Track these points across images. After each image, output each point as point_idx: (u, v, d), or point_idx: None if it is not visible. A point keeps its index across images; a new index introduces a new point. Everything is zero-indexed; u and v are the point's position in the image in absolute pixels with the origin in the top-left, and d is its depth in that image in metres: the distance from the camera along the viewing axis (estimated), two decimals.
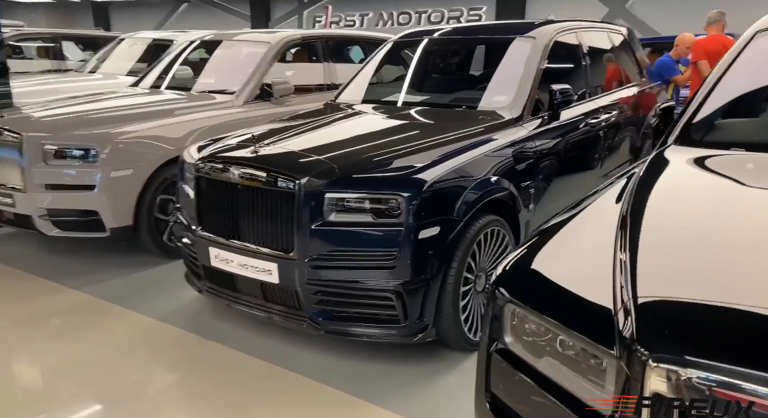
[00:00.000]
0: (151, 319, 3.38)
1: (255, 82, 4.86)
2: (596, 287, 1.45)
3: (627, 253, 1.51)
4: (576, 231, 1.82)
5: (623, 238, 1.60)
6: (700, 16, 8.94)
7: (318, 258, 2.65)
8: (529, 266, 1.65)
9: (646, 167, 2.09)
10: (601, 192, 2.12)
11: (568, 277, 1.54)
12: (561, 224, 1.86)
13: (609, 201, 1.97)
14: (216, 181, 2.89)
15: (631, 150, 4.62)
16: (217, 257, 2.93)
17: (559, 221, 1.89)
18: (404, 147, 2.93)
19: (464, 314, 2.81)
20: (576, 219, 1.88)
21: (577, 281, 1.51)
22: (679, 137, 2.23)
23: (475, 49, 4.41)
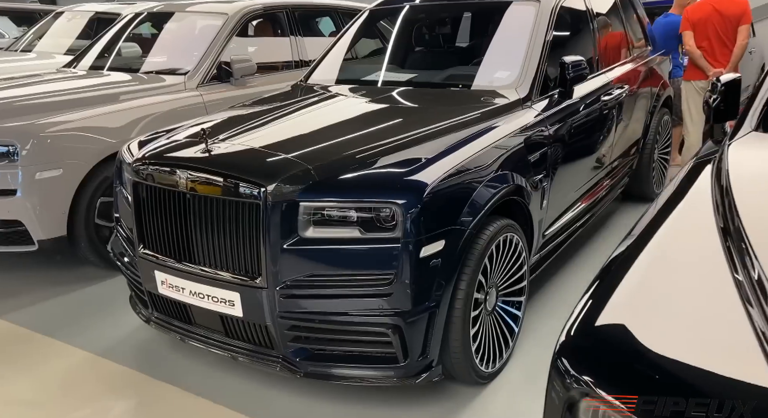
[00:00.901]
0: (89, 353, 2.78)
1: (210, 61, 4.18)
2: (730, 346, 0.93)
3: (755, 281, 0.99)
4: (658, 262, 1.29)
5: (740, 263, 1.08)
6: None
7: (293, 285, 2.09)
8: (611, 325, 1.11)
9: (728, 161, 1.57)
10: (658, 205, 1.60)
11: (681, 336, 1.02)
12: (630, 257, 1.32)
13: (688, 214, 1.45)
14: (159, 188, 2.28)
15: (640, 130, 4.14)
16: (165, 282, 2.33)
17: (623, 252, 1.36)
18: (394, 140, 2.35)
19: (475, 343, 2.29)
20: (650, 247, 1.35)
21: (698, 342, 0.99)
22: (761, 122, 1.71)
23: (465, 17, 3.81)
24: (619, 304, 1.15)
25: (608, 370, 1.04)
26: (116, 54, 4.75)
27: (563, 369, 1.05)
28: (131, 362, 2.70)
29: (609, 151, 3.60)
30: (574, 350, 1.08)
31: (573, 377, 1.03)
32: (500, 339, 2.50)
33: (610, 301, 1.15)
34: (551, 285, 3.25)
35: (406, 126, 2.54)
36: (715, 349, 0.99)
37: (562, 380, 1.04)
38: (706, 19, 4.46)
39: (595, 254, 3.67)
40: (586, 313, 1.14)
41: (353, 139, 2.43)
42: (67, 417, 2.36)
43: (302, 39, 4.90)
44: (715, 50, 4.43)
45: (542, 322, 2.89)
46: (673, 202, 1.55)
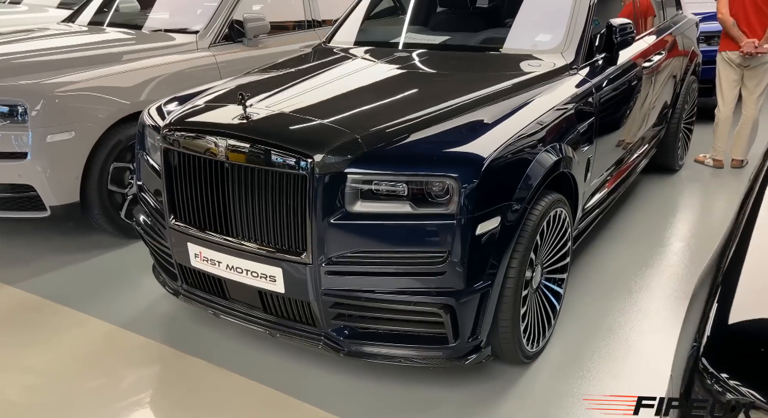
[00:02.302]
0: (109, 324, 2.67)
1: (222, 19, 3.95)
2: None
3: None
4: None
5: None
6: None
7: (338, 261, 1.97)
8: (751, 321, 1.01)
9: None
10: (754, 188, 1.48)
11: None
12: (743, 247, 1.22)
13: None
14: (194, 156, 2.12)
15: (670, 98, 4.00)
16: (199, 255, 2.21)
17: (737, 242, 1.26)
18: (441, 108, 2.21)
19: (523, 323, 2.21)
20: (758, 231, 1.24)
21: None
22: None
23: None
24: (747, 299, 1.06)
25: (751, 366, 0.94)
26: (115, 10, 4.48)
27: (703, 368, 0.95)
28: (154, 334, 2.61)
29: (645, 121, 3.48)
30: (714, 350, 0.98)
31: (714, 378, 0.94)
32: (544, 318, 2.42)
33: (736, 298, 1.06)
34: (583, 261, 3.17)
35: (450, 93, 2.39)
36: None
37: (703, 380, 0.95)
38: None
39: (623, 227, 3.59)
40: (717, 313, 1.04)
41: (396, 106, 2.29)
42: (83, 387, 2.27)
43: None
44: (751, 19, 4.19)
45: (579, 299, 2.82)
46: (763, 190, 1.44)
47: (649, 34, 3.57)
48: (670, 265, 3.19)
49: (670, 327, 2.62)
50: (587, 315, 2.70)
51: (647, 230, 3.56)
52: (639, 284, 2.98)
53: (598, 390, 2.25)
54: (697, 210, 4.04)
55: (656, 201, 4.01)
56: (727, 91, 4.36)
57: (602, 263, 3.18)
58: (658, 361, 2.37)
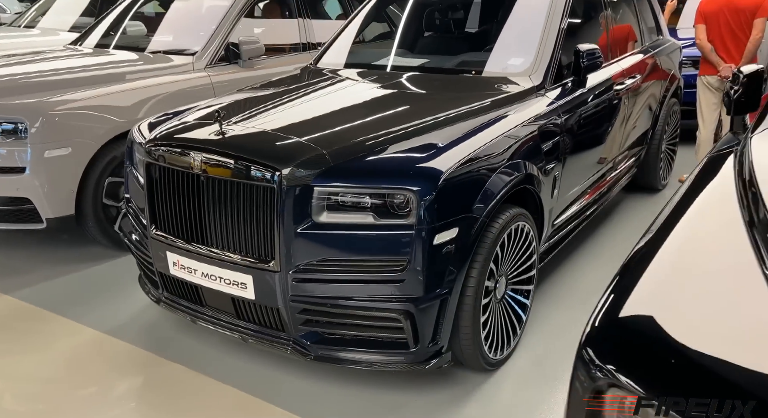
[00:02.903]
0: (97, 331, 2.79)
1: (219, 41, 4.15)
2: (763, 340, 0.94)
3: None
4: (683, 255, 1.29)
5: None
6: None
7: (305, 269, 2.09)
8: (636, 316, 1.12)
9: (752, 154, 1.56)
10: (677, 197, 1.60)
11: (709, 330, 1.02)
12: (651, 250, 1.32)
13: (711, 207, 1.45)
14: (173, 169, 2.27)
15: (649, 120, 4.12)
16: (177, 263, 2.34)
17: (644, 246, 1.36)
18: (408, 126, 2.34)
19: (484, 331, 2.31)
20: (672, 239, 1.35)
21: (726, 336, 0.99)
22: None
23: (477, 3, 3.77)
24: (643, 296, 1.16)
25: (633, 360, 1.04)
26: (122, 32, 4.71)
27: (588, 359, 1.06)
28: (138, 341, 2.72)
29: (619, 141, 3.59)
30: (599, 340, 1.09)
31: (598, 367, 1.04)
32: (509, 327, 2.51)
33: (633, 293, 1.16)
34: (558, 275, 3.27)
35: (419, 112, 2.53)
36: (741, 342, 0.99)
37: (587, 370, 1.05)
38: (718, 12, 4.31)
39: (602, 244, 3.68)
40: (610, 305, 1.15)
41: (366, 124, 2.42)
42: (74, 394, 2.38)
43: (310, 21, 4.86)
44: (728, 44, 4.31)
45: (549, 311, 2.90)
46: (693, 194, 1.55)
47: (624, 58, 3.70)
48: None
49: None
50: (556, 327, 2.79)
51: (621, 247, 3.63)
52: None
53: (560, 399, 2.32)
54: None
55: (638, 219, 4.09)
56: (707, 114, 4.47)
57: (577, 277, 3.26)
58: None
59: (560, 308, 2.94)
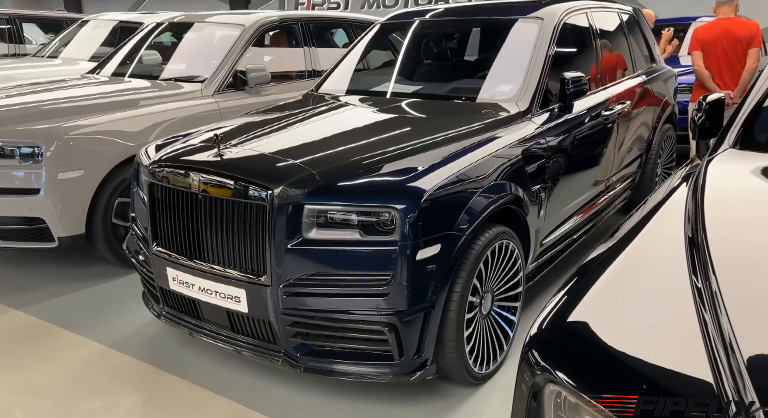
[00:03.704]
0: (102, 345, 2.91)
1: (227, 69, 4.35)
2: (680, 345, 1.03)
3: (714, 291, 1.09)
4: (631, 265, 1.39)
5: (701, 272, 1.18)
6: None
7: (295, 283, 2.21)
8: (580, 321, 1.22)
9: (705, 176, 1.67)
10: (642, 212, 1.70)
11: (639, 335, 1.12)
12: (607, 259, 1.42)
13: (663, 223, 1.55)
14: (173, 189, 2.41)
15: (643, 145, 4.22)
16: (176, 279, 2.47)
17: (602, 253, 1.46)
18: (397, 148, 2.47)
19: (469, 344, 2.39)
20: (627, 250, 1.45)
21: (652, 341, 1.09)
22: (738, 139, 1.81)
23: (472, 32, 3.94)
24: (590, 302, 1.25)
25: (571, 361, 1.14)
26: (137, 61, 4.95)
27: (533, 361, 1.15)
28: (141, 354, 2.84)
29: (609, 165, 3.69)
30: (543, 342, 1.18)
31: (540, 367, 1.13)
32: (495, 342, 2.59)
33: (582, 299, 1.25)
34: (549, 293, 3.32)
35: (409, 135, 2.66)
36: (666, 347, 1.08)
37: (531, 370, 1.15)
38: (716, 40, 4.43)
39: None
40: (558, 309, 1.24)
41: (358, 146, 2.56)
42: (79, 408, 2.49)
43: (315, 50, 5.06)
44: (724, 72, 4.42)
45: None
46: (654, 210, 1.65)
47: (614, 85, 3.82)
48: None
49: None
50: None
51: None
52: None
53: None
54: None
55: None
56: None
57: None
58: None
59: None
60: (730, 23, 4.45)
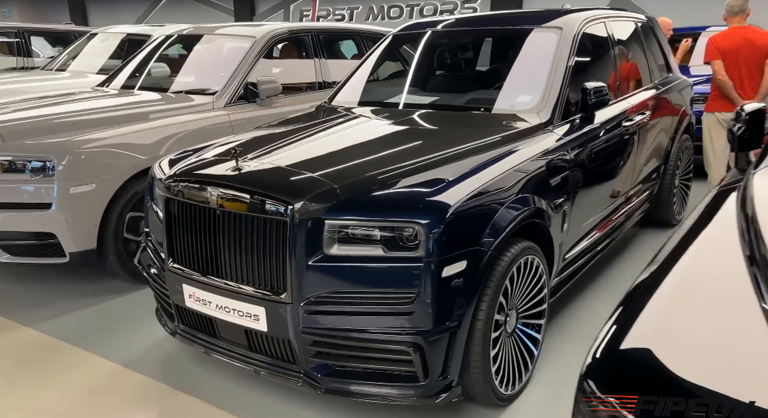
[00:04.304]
0: (114, 363, 2.84)
1: (238, 82, 4.31)
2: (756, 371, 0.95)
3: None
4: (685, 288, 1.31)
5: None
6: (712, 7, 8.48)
7: (316, 301, 2.13)
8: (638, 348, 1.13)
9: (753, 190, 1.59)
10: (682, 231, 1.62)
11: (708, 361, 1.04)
12: (654, 282, 1.35)
13: (713, 242, 1.47)
14: (190, 204, 2.35)
15: (661, 156, 4.15)
16: (192, 296, 2.40)
17: (647, 278, 1.39)
18: (418, 161, 2.41)
19: (495, 364, 2.31)
20: (676, 273, 1.37)
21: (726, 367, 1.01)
22: None
23: (487, 43, 3.89)
24: (645, 328, 1.18)
25: (634, 390, 1.06)
26: (147, 74, 4.92)
27: (589, 391, 1.08)
28: (154, 373, 2.76)
29: (629, 177, 3.62)
30: (600, 372, 1.11)
31: (599, 399, 1.06)
32: (520, 361, 2.51)
33: (635, 325, 1.18)
34: (570, 309, 3.25)
35: (428, 148, 2.60)
36: (738, 375, 1.01)
37: (588, 401, 1.07)
38: (738, 49, 4.33)
39: (616, 279, 3.67)
40: (611, 336, 1.17)
41: (377, 159, 2.50)
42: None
43: (326, 61, 5.03)
44: (744, 82, 4.33)
45: (561, 345, 2.89)
46: (697, 229, 1.58)
47: (633, 95, 3.76)
48: None
49: None
50: (567, 363, 2.77)
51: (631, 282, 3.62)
52: None
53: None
54: None
55: (650, 254, 4.05)
56: (720, 150, 4.48)
57: (588, 312, 3.25)
58: None
59: (572, 344, 2.92)
60: (748, 32, 4.38)
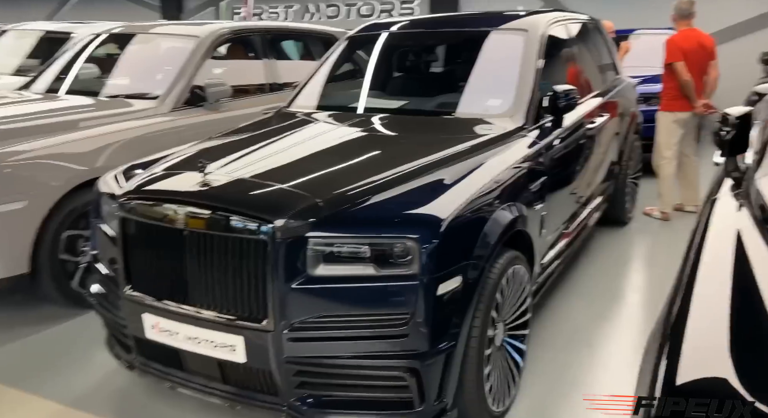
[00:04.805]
0: (58, 404, 2.52)
1: (184, 84, 4.00)
2: None
3: None
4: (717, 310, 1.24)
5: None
6: (642, 10, 8.84)
7: (301, 327, 1.95)
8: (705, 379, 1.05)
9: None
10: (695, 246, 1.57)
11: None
12: (683, 310, 1.27)
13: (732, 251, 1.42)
14: (151, 224, 2.10)
15: (616, 156, 4.22)
16: (156, 326, 2.14)
17: (676, 306, 1.32)
18: (398, 171, 2.26)
19: (488, 383, 2.20)
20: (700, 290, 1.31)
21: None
22: None
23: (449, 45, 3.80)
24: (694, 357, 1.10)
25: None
26: (75, 77, 4.48)
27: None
28: (107, 411, 2.48)
29: (592, 178, 3.64)
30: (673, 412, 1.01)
31: None
32: (508, 376, 2.42)
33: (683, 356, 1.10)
34: (542, 315, 3.21)
35: (408, 155, 2.45)
36: None
37: None
38: (695, 51, 4.46)
39: (579, 281, 3.68)
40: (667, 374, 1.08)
41: (355, 169, 2.34)
42: None
43: (276, 62, 4.79)
44: (697, 82, 4.49)
45: (540, 353, 2.84)
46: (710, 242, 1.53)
47: (591, 98, 3.78)
48: (625, 317, 3.27)
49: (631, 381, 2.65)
50: (550, 371, 2.72)
51: (602, 283, 3.67)
52: (597, 337, 3.03)
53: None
54: (648, 261, 4.19)
55: (609, 254, 4.14)
56: (674, 147, 4.62)
57: (560, 317, 3.23)
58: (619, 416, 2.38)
59: (550, 350, 2.88)
60: (700, 35, 4.53)
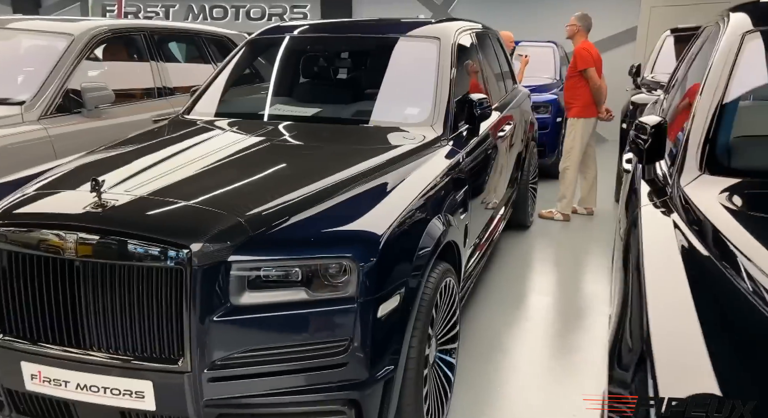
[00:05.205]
0: None
1: (55, 88, 3.50)
2: None
3: None
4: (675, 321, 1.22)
5: None
6: (525, 22, 9.33)
7: (224, 365, 1.70)
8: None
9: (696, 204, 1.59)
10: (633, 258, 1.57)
11: None
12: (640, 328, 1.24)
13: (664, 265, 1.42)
14: (30, 255, 1.74)
15: (519, 163, 4.33)
16: (38, 376, 1.78)
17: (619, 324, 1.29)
18: (323, 184, 2.08)
19: (426, 404, 2.08)
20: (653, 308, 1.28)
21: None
22: (706, 164, 1.78)
23: (357, 51, 3.67)
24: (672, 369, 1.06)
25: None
26: None
27: None
28: None
29: (502, 184, 3.69)
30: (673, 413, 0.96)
31: None
32: (441, 392, 2.32)
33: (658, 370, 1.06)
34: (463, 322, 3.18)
35: (328, 167, 2.28)
36: None
37: None
38: (597, 60, 4.76)
39: (489, 286, 3.72)
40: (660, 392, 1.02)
41: (275, 183, 2.13)
42: None
43: (165, 65, 4.38)
44: None
45: (471, 364, 2.79)
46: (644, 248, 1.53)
47: (500, 106, 3.84)
48: (536, 319, 3.33)
49: (551, 383, 2.68)
50: (478, 381, 2.69)
51: (511, 287, 3.73)
52: (512, 343, 3.05)
53: None
54: (552, 262, 4.34)
55: (515, 258, 4.24)
56: (581, 153, 4.86)
57: (476, 324, 3.22)
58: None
59: (474, 360, 2.85)
60: (594, 47, 4.83)
